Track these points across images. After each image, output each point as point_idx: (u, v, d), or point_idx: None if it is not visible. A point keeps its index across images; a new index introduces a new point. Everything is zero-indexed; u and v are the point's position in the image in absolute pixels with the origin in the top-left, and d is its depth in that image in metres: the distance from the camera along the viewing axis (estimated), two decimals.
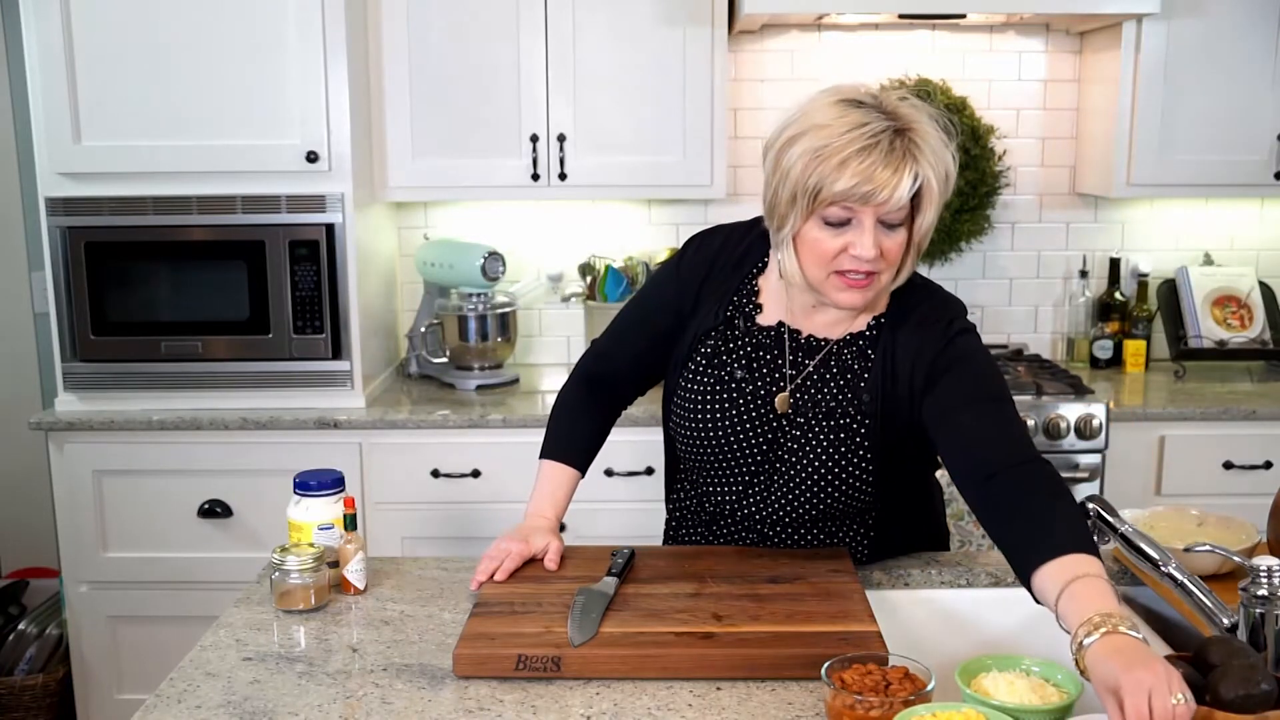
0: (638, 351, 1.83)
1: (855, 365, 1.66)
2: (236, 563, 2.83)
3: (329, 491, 1.71)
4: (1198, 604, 1.42)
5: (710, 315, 1.72)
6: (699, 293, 1.74)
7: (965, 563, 1.79)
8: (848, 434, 1.65)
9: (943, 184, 1.53)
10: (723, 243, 1.76)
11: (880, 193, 1.45)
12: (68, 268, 2.88)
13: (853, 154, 1.45)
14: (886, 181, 1.45)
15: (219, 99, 2.83)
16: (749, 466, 1.70)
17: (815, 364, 1.67)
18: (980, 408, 1.56)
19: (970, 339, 1.64)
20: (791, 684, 1.40)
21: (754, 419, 1.68)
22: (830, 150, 1.46)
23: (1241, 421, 2.94)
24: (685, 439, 1.74)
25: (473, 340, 3.20)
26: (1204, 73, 3.07)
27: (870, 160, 1.45)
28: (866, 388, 1.64)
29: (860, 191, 1.46)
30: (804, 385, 1.67)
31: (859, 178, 1.45)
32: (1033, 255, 3.51)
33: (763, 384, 1.69)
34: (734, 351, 1.70)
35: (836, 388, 1.66)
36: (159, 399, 2.93)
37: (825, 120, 1.48)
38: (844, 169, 1.45)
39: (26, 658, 3.17)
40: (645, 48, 3.04)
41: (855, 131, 1.46)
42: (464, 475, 2.90)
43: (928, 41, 3.38)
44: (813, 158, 1.47)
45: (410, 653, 1.50)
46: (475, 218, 3.42)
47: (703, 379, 1.71)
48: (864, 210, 1.48)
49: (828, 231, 1.51)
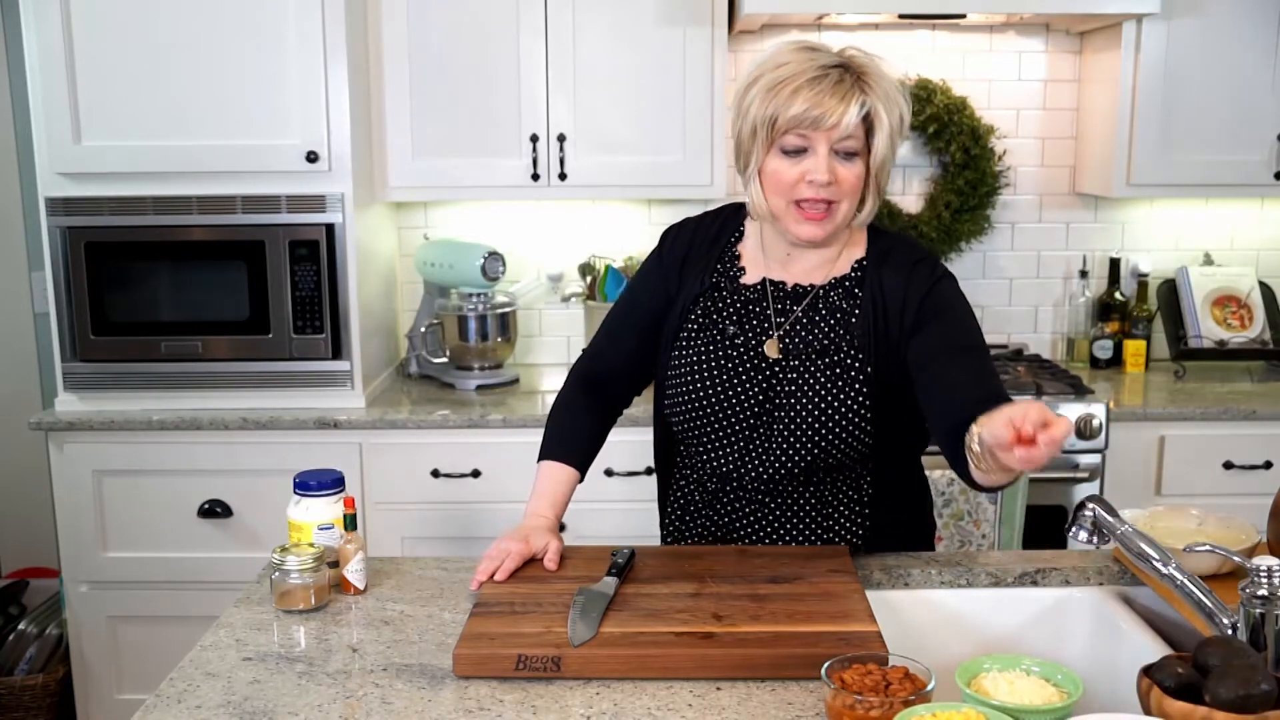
0: (631, 347, 1.87)
1: (844, 305, 1.73)
2: (236, 563, 2.83)
3: (329, 491, 1.71)
4: (1198, 604, 1.42)
5: (696, 284, 1.79)
6: (682, 271, 1.82)
7: (965, 563, 1.79)
8: (843, 369, 1.70)
9: (896, 121, 1.63)
10: (697, 225, 1.86)
11: (829, 117, 1.57)
12: (68, 268, 2.88)
13: (804, 83, 1.58)
14: (834, 108, 1.57)
15: (219, 99, 2.83)
16: (747, 419, 1.73)
17: (803, 308, 1.74)
18: (961, 359, 1.64)
19: (953, 285, 1.72)
20: (791, 684, 1.40)
21: (748, 369, 1.73)
22: (784, 83, 1.59)
23: (1241, 421, 2.94)
24: (683, 406, 1.76)
25: (473, 340, 3.20)
26: (1204, 73, 3.07)
27: (820, 89, 1.58)
28: (858, 324, 1.71)
29: (811, 116, 1.58)
30: (794, 330, 1.73)
31: (809, 103, 1.57)
32: (1033, 255, 3.51)
33: (754, 335, 1.75)
34: (723, 310, 1.77)
35: (828, 326, 1.72)
36: (159, 399, 2.93)
37: (782, 60, 1.62)
38: (796, 96, 1.58)
39: (26, 658, 3.17)
40: (645, 48, 3.04)
41: (808, 65, 1.60)
42: (464, 475, 2.90)
43: (928, 41, 3.38)
44: (768, 91, 1.60)
45: (410, 653, 1.50)
46: (475, 218, 3.42)
47: (696, 341, 1.77)
48: (817, 136, 1.60)
49: (786, 161, 1.63)
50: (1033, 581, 1.76)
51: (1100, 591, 1.73)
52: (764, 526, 1.80)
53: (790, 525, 1.80)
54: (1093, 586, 1.75)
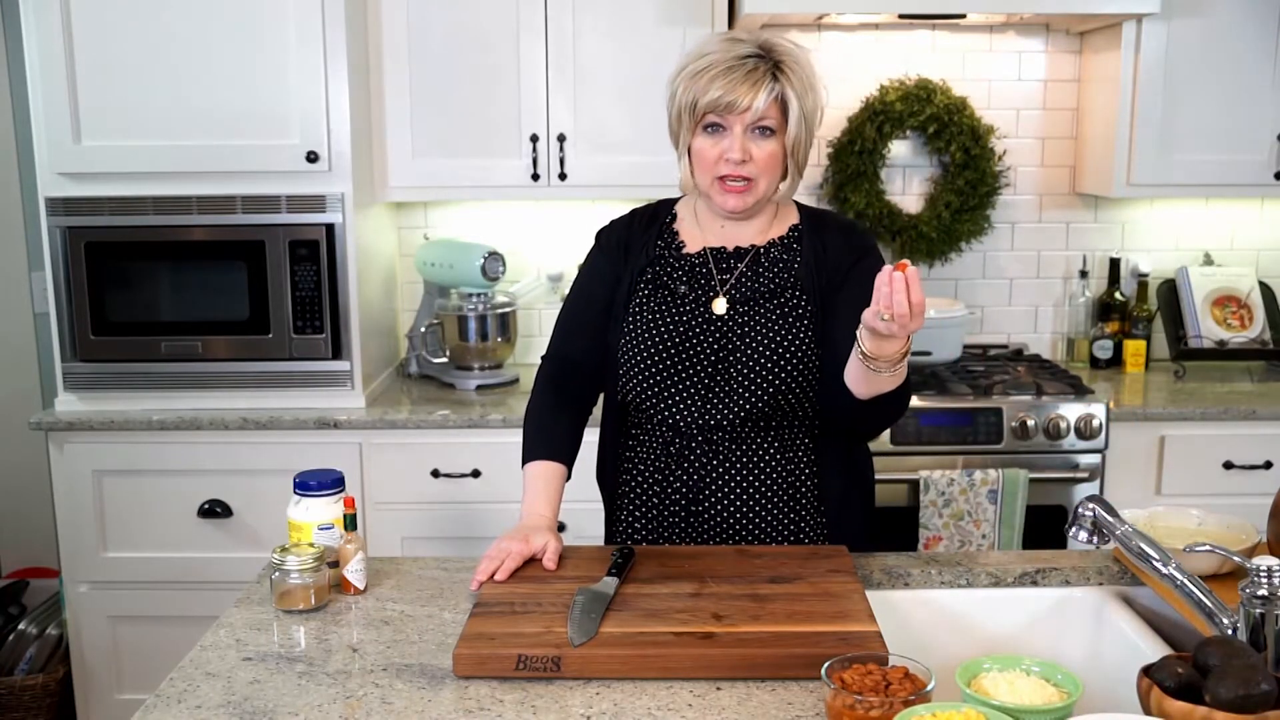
0: (587, 343, 1.93)
1: (785, 257, 1.85)
2: (236, 563, 2.83)
3: (329, 491, 1.71)
4: (1198, 604, 1.42)
5: (641, 258, 1.89)
6: (625, 256, 1.91)
7: (965, 563, 1.79)
8: (790, 309, 1.81)
9: (810, 106, 1.77)
10: (630, 217, 1.96)
11: (741, 101, 1.72)
12: (68, 268, 2.88)
13: (720, 72, 1.73)
14: (745, 93, 1.72)
15: (219, 99, 2.83)
16: (705, 369, 1.81)
17: (746, 263, 1.85)
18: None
19: (880, 263, 1.80)
20: (791, 684, 1.40)
21: (700, 323, 1.82)
22: (703, 71, 1.74)
23: (1241, 421, 2.94)
24: (639, 366, 1.82)
25: (473, 340, 3.20)
26: (1204, 73, 3.07)
27: (733, 77, 1.72)
28: (801, 269, 1.84)
29: (724, 101, 1.72)
30: (739, 283, 1.84)
31: (723, 90, 1.72)
32: (1033, 255, 3.51)
33: (703, 293, 1.84)
34: (673, 275, 1.87)
35: (773, 274, 1.84)
36: (159, 399, 2.93)
37: (705, 50, 1.77)
38: (712, 84, 1.73)
39: (26, 658, 3.17)
40: (645, 48, 3.04)
41: (726, 54, 1.74)
42: (464, 475, 2.90)
43: (928, 41, 3.38)
44: (691, 79, 1.76)
45: (410, 653, 1.50)
46: (475, 218, 3.42)
47: (649, 304, 1.85)
48: (732, 118, 1.74)
49: (708, 140, 1.77)
50: (1033, 581, 1.76)
51: (1100, 591, 1.73)
52: (730, 480, 1.83)
53: (755, 476, 1.83)
54: (1093, 586, 1.75)
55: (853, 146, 3.34)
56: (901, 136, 3.39)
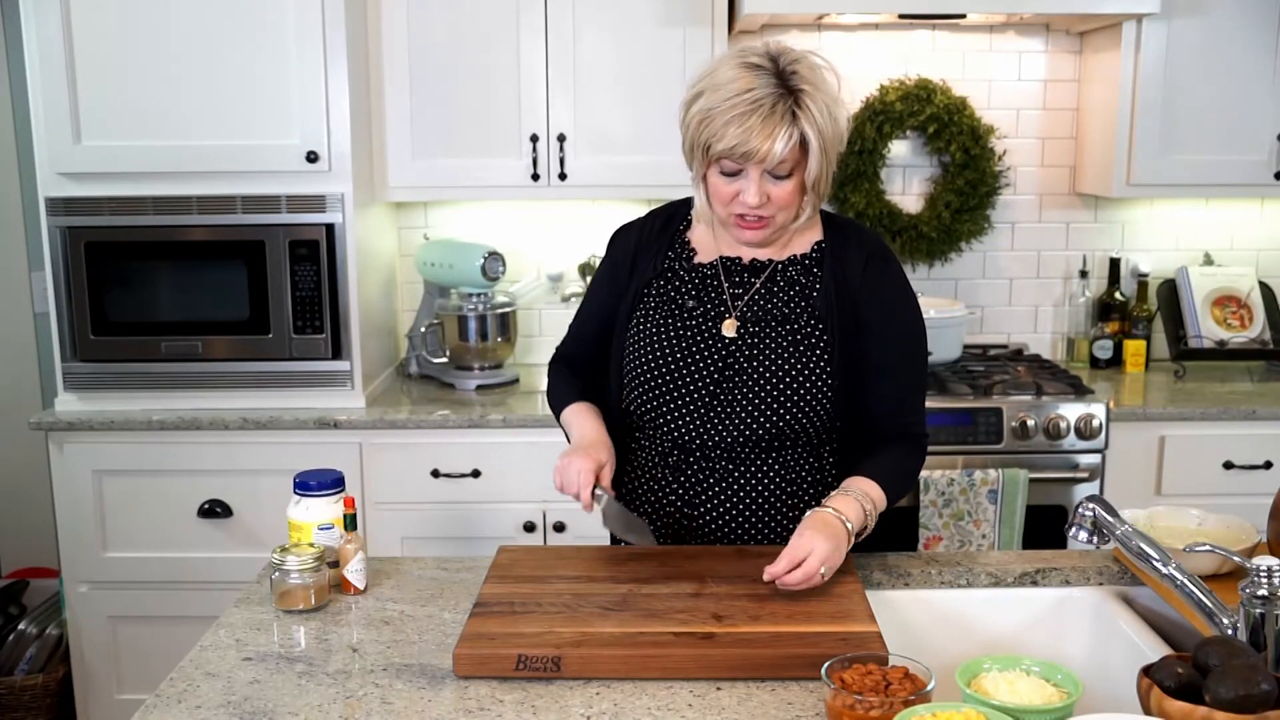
0: (595, 353, 1.91)
1: (803, 279, 1.78)
2: (236, 563, 2.83)
3: (329, 491, 1.71)
4: (1198, 604, 1.42)
5: (649, 269, 1.84)
6: (634, 264, 1.86)
7: (965, 563, 1.79)
8: (803, 338, 1.75)
9: (831, 140, 1.66)
10: (644, 222, 1.91)
11: (757, 152, 1.62)
12: (68, 268, 2.88)
13: (734, 118, 1.61)
14: (761, 143, 1.61)
15: (219, 99, 2.83)
16: (708, 388, 1.76)
17: (763, 280, 1.78)
18: (893, 378, 1.77)
19: (903, 278, 1.81)
20: (791, 684, 1.40)
21: (707, 342, 1.77)
22: (716, 114, 1.63)
23: (1241, 421, 2.94)
24: (641, 379, 1.79)
25: (473, 340, 3.20)
26: (1204, 73, 3.07)
27: (749, 124, 1.61)
28: (819, 298, 1.76)
29: (739, 151, 1.62)
30: (754, 302, 1.78)
31: (737, 140, 1.62)
32: (1033, 255, 3.51)
33: (713, 309, 1.79)
34: (681, 288, 1.81)
35: (787, 298, 1.77)
36: (159, 399, 2.93)
37: (721, 81, 1.64)
38: (726, 130, 1.62)
39: (26, 658, 3.17)
40: (645, 48, 3.04)
41: (740, 97, 1.61)
42: (464, 475, 2.90)
43: (928, 41, 3.38)
44: (703, 118, 1.65)
45: (410, 653, 1.50)
46: (475, 218, 3.42)
47: (655, 315, 1.81)
48: (748, 164, 1.64)
49: (723, 179, 1.69)
50: (1033, 581, 1.76)
51: (1100, 591, 1.73)
52: (728, 497, 1.81)
53: (753, 496, 1.80)
54: (1093, 586, 1.75)
55: (853, 146, 3.34)
56: (901, 136, 3.39)
